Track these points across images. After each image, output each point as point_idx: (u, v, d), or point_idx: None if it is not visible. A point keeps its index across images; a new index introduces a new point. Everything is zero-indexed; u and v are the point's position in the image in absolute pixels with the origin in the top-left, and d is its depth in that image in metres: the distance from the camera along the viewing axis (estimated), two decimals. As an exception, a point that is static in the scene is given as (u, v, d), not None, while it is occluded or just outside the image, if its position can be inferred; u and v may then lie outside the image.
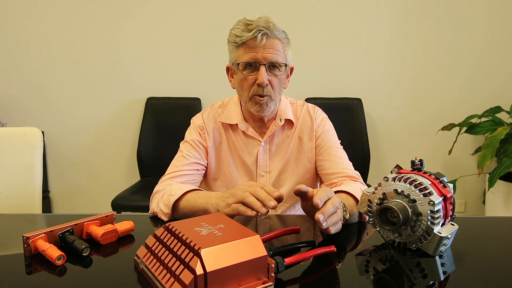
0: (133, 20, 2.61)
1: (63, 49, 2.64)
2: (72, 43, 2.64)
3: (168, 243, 0.64)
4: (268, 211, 0.81)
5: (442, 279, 0.68)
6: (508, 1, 2.50)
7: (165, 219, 0.99)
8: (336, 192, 0.98)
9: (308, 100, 2.54)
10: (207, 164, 1.22)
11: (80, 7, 2.60)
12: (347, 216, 0.89)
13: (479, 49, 2.55)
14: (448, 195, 0.74)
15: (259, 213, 0.82)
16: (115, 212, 0.91)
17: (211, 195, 0.95)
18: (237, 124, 1.20)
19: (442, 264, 0.72)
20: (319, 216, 0.76)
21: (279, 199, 0.81)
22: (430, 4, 2.53)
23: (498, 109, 2.45)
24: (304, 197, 0.83)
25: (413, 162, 0.80)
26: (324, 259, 0.75)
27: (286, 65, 1.12)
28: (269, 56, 1.06)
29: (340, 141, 1.25)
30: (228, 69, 1.19)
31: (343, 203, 0.90)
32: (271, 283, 0.61)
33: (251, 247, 0.60)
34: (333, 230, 0.80)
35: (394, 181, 0.76)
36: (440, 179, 0.77)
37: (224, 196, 0.90)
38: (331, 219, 0.79)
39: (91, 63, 2.66)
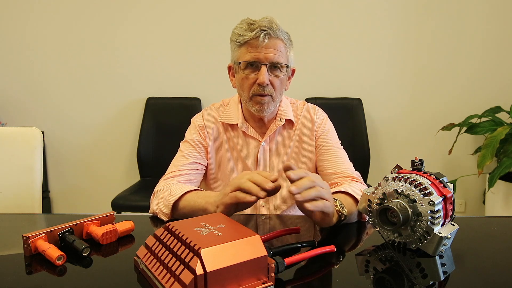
0: (133, 20, 2.61)
1: (63, 49, 2.65)
2: (72, 43, 2.64)
3: (168, 243, 0.64)
4: (266, 195, 0.81)
5: (442, 279, 0.68)
6: (508, 1, 2.50)
7: (165, 219, 0.99)
8: (334, 192, 0.98)
9: (308, 100, 2.55)
10: (207, 164, 1.22)
11: (80, 7, 2.60)
12: (345, 212, 0.89)
13: (479, 49, 2.55)
14: (448, 195, 0.74)
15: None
16: (115, 212, 0.91)
17: (211, 195, 0.95)
18: (237, 124, 1.20)
19: (442, 264, 0.72)
20: (291, 188, 0.75)
21: (275, 182, 0.81)
22: (430, 4, 2.53)
23: (498, 109, 2.45)
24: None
25: (413, 162, 0.80)
26: (324, 259, 0.75)
27: (287, 66, 1.11)
28: (270, 56, 1.06)
29: (340, 141, 1.25)
30: (229, 68, 1.19)
31: (340, 200, 0.91)
32: (271, 283, 0.61)
33: (251, 247, 0.60)
34: (311, 206, 0.77)
35: (394, 181, 0.76)
36: (440, 179, 0.77)
37: (221, 192, 0.90)
38: (307, 193, 0.77)
39: (91, 63, 2.66)
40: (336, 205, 0.89)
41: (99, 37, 2.63)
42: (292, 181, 0.78)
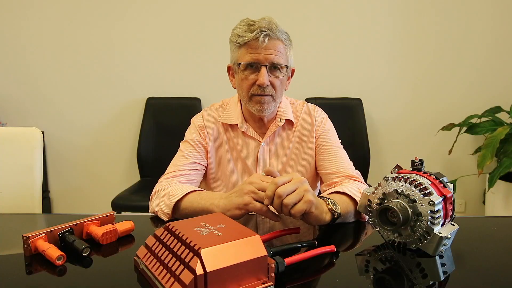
0: (133, 20, 2.61)
1: (63, 49, 2.65)
2: (72, 43, 2.64)
3: (168, 243, 0.64)
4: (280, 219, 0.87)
5: (442, 279, 0.68)
6: (509, 1, 2.50)
7: (165, 219, 0.99)
8: (330, 193, 0.98)
9: (308, 100, 2.55)
10: (207, 164, 1.22)
11: (79, 7, 2.60)
12: (338, 210, 0.89)
13: (479, 49, 2.55)
14: (448, 195, 0.74)
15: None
16: (115, 212, 0.91)
17: (214, 196, 0.95)
18: (237, 125, 1.20)
19: (442, 264, 0.72)
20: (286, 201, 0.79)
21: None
22: (430, 4, 2.53)
23: (498, 109, 2.45)
24: None
25: (413, 162, 0.80)
26: (324, 259, 0.75)
27: (287, 66, 1.11)
28: (270, 57, 1.06)
29: (340, 140, 1.25)
30: (229, 68, 1.19)
31: (332, 199, 0.90)
32: (271, 283, 0.61)
33: (251, 247, 0.60)
34: (298, 216, 0.81)
35: (394, 181, 0.76)
36: (440, 179, 0.77)
37: (234, 194, 0.89)
38: (284, 210, 0.80)
39: (91, 63, 2.66)
40: (328, 204, 0.89)
41: (99, 37, 2.63)
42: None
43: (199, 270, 0.55)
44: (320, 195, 0.97)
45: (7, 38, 2.64)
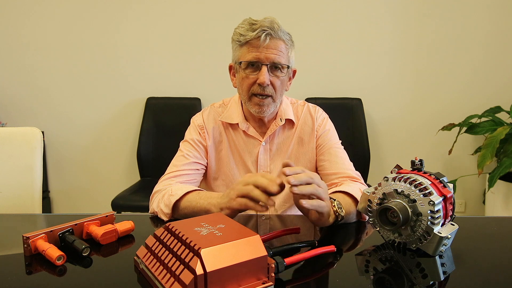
0: (133, 20, 2.61)
1: (63, 49, 2.65)
2: (72, 43, 2.64)
3: (168, 243, 0.64)
4: (274, 203, 0.81)
5: (442, 279, 0.68)
6: (508, 1, 2.50)
7: (165, 219, 0.99)
8: (333, 192, 0.98)
9: (308, 100, 2.55)
10: (207, 163, 1.22)
11: (80, 7, 2.60)
12: (343, 212, 0.89)
13: (479, 49, 2.55)
14: (448, 195, 0.74)
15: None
16: (115, 212, 0.91)
17: (212, 195, 0.95)
18: (237, 124, 1.20)
19: (442, 264, 0.72)
20: (290, 179, 0.76)
21: (281, 186, 0.81)
22: (430, 4, 2.53)
23: (498, 109, 2.45)
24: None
25: (413, 162, 0.80)
26: (324, 259, 0.75)
27: (288, 66, 1.11)
28: (271, 57, 1.06)
29: (341, 141, 1.25)
30: (230, 67, 1.19)
31: (338, 201, 0.90)
32: (271, 283, 0.61)
33: (251, 247, 0.60)
34: (307, 204, 0.77)
35: (394, 181, 0.76)
36: (440, 179, 0.77)
37: (225, 194, 0.90)
38: (303, 188, 0.77)
39: (91, 63, 2.66)
40: (334, 205, 0.89)
41: (99, 37, 2.63)
42: (285, 174, 0.78)
43: (199, 270, 0.55)
44: None
45: (8, 38, 2.64)
